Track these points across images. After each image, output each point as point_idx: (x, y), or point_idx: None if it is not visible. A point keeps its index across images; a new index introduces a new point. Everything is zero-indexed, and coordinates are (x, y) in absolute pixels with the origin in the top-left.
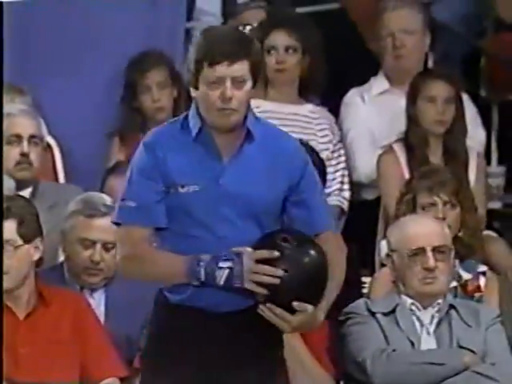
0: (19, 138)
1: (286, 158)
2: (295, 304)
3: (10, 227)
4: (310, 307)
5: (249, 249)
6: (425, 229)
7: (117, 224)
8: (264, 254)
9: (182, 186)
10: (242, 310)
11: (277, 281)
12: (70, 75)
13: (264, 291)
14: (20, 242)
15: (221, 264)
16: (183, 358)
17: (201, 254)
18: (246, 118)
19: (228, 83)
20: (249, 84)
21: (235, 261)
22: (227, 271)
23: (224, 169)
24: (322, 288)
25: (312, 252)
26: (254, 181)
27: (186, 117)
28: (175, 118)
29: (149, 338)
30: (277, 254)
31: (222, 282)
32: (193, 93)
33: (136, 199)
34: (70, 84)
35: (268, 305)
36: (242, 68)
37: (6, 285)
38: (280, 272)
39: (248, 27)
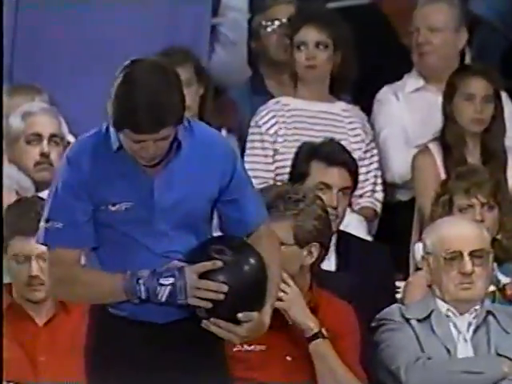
0: (39, 137)
1: (215, 162)
2: (240, 315)
3: None
4: (255, 315)
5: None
6: (462, 232)
7: (44, 245)
8: (207, 266)
9: (113, 204)
10: (181, 319)
11: (221, 296)
12: (93, 73)
13: (209, 305)
14: None
15: (162, 281)
16: (127, 369)
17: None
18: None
19: (150, 143)
20: (172, 136)
21: (177, 277)
22: (169, 288)
23: (154, 183)
24: (263, 293)
25: (249, 259)
26: (186, 191)
27: (107, 129)
28: (96, 130)
29: (91, 350)
30: (220, 264)
31: (163, 299)
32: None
33: (63, 220)
34: (93, 82)
35: (212, 320)
36: (165, 131)
37: (41, 295)
38: (225, 287)
39: (276, 22)
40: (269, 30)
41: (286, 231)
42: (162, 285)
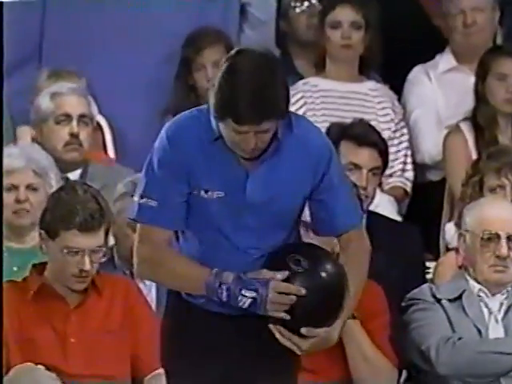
0: (68, 117)
1: (311, 161)
2: (303, 330)
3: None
4: (321, 331)
5: (278, 275)
6: (503, 214)
7: (135, 221)
8: (291, 288)
9: (206, 191)
10: (252, 314)
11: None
12: (122, 55)
13: (287, 317)
14: None
15: (244, 292)
16: (203, 359)
17: (225, 268)
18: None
19: (251, 134)
20: (274, 127)
21: (260, 292)
22: (250, 300)
23: (249, 177)
24: (336, 308)
25: (325, 272)
26: (279, 190)
27: (207, 112)
28: (196, 112)
29: (167, 337)
30: (303, 291)
31: (244, 307)
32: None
33: (158, 198)
34: (122, 63)
35: (278, 327)
36: (268, 124)
37: (85, 286)
38: (293, 299)
39: (306, 3)
40: (298, 10)
41: None
42: (244, 296)
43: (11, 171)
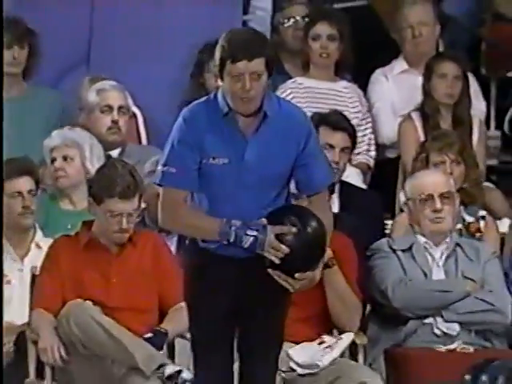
0: (110, 108)
1: (295, 132)
2: (297, 275)
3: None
4: (309, 274)
5: (276, 227)
6: (432, 179)
7: (159, 185)
8: (284, 229)
9: (214, 158)
10: (257, 256)
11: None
12: (152, 59)
13: (277, 261)
14: None
15: (248, 232)
16: (215, 293)
17: (230, 218)
18: (262, 102)
19: (247, 77)
20: (264, 77)
21: (260, 231)
22: (252, 239)
23: (247, 146)
24: (320, 255)
25: (312, 228)
26: (271, 155)
27: (215, 97)
28: (205, 99)
29: (187, 276)
30: (294, 230)
31: (246, 246)
32: (219, 82)
33: (176, 166)
34: (152, 65)
35: (277, 272)
36: (258, 64)
37: (125, 239)
38: (286, 250)
39: (292, 20)
40: (285, 25)
41: None
42: (247, 235)
43: (52, 148)
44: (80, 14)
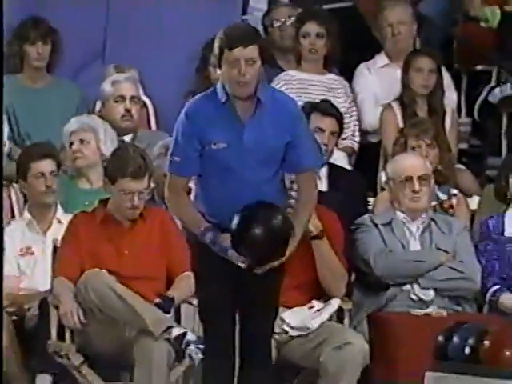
0: (123, 98)
1: (287, 116)
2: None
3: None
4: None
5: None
6: (411, 163)
7: (170, 173)
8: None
9: (214, 144)
10: None
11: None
12: (161, 54)
13: (244, 266)
14: None
15: (217, 244)
16: (219, 264)
17: (235, 194)
18: (256, 89)
19: (242, 62)
20: (258, 63)
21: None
22: (217, 247)
23: (244, 129)
24: (285, 244)
25: (277, 221)
26: (266, 136)
27: (214, 90)
28: (204, 93)
29: (192, 248)
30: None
31: (217, 250)
32: (218, 71)
33: (180, 155)
34: (161, 60)
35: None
36: (252, 51)
37: (136, 215)
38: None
39: (279, 22)
40: (274, 26)
41: None
42: (215, 244)
43: (71, 132)
44: (96, 14)
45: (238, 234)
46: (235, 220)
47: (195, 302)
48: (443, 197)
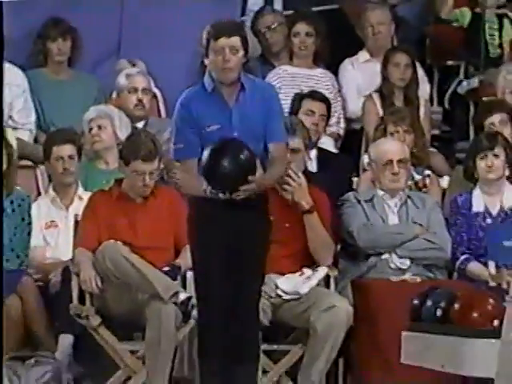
0: (136, 89)
1: (265, 98)
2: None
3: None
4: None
5: None
6: (392, 147)
7: (177, 160)
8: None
9: (208, 126)
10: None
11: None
12: (170, 50)
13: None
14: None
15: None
16: (212, 229)
17: None
18: (240, 78)
19: (227, 50)
20: (241, 53)
21: None
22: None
23: (232, 112)
24: (252, 169)
25: (243, 155)
26: (250, 117)
27: (203, 83)
28: (196, 85)
29: (189, 216)
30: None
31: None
32: (206, 61)
33: (183, 142)
34: (170, 55)
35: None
36: (235, 41)
37: (148, 193)
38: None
39: (266, 28)
40: (262, 31)
41: (298, 143)
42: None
43: (90, 119)
44: (112, 14)
45: (208, 167)
46: (205, 154)
47: None
48: (418, 177)
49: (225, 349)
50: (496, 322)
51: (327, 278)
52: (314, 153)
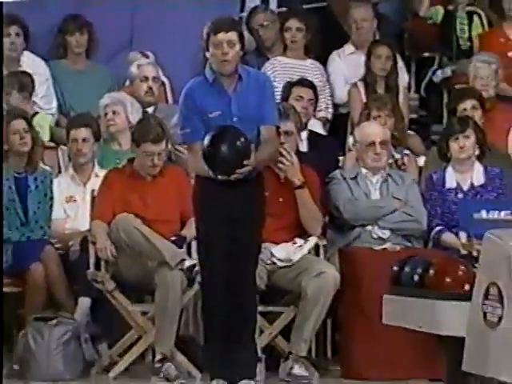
0: (146, 78)
1: (260, 87)
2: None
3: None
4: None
5: None
6: (375, 130)
7: (184, 143)
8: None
9: (211, 113)
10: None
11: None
12: (176, 42)
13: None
14: None
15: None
16: (215, 204)
17: None
18: (238, 69)
19: (225, 44)
20: (237, 46)
21: None
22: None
23: (231, 100)
24: (247, 154)
25: (240, 142)
26: (247, 103)
27: (204, 75)
28: (198, 76)
29: (194, 193)
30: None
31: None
32: (207, 54)
33: (189, 127)
34: (177, 47)
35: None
36: (233, 35)
37: (156, 172)
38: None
39: (259, 25)
40: (255, 28)
41: (291, 126)
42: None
43: (105, 105)
44: (125, 10)
45: (208, 153)
46: (206, 141)
47: None
48: (397, 156)
49: (226, 310)
50: (467, 287)
51: (317, 247)
52: (304, 135)
